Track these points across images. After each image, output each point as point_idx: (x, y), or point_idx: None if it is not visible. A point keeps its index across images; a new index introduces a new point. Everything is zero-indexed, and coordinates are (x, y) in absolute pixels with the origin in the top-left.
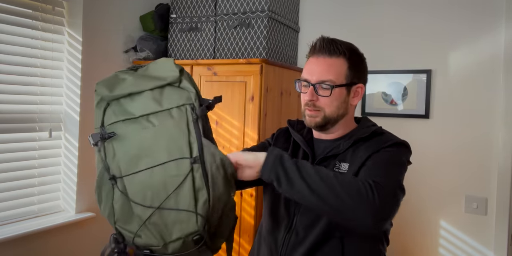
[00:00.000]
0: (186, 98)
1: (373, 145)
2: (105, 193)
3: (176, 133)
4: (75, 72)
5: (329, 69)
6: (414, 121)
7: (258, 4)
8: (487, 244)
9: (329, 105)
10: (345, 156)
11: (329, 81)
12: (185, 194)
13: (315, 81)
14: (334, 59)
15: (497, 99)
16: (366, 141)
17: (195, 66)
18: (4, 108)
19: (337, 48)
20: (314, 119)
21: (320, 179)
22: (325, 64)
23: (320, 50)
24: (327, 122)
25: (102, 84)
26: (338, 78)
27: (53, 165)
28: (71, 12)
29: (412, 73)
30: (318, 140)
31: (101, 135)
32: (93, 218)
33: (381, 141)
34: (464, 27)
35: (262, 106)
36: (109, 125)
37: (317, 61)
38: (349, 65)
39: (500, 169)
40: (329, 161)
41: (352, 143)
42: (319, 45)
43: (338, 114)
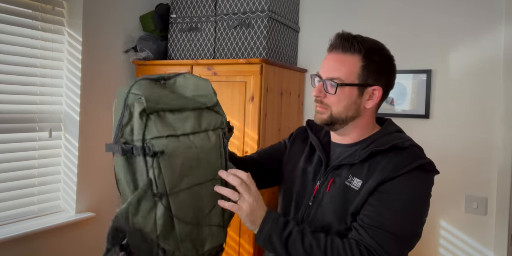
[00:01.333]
0: (220, 122)
1: (390, 166)
2: (146, 208)
3: (213, 155)
4: (75, 72)
5: (339, 66)
6: (414, 121)
7: (258, 4)
8: (487, 244)
9: (335, 104)
10: (361, 171)
11: (337, 79)
12: (218, 211)
13: (325, 77)
14: (347, 56)
15: (497, 99)
16: (386, 154)
17: (195, 66)
18: (4, 108)
19: (352, 44)
20: (321, 115)
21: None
22: (336, 60)
23: (335, 45)
24: (334, 122)
25: (141, 93)
26: (349, 76)
27: (53, 165)
28: (71, 12)
29: (412, 73)
30: (334, 144)
31: (144, 149)
32: (93, 218)
33: (401, 160)
34: (464, 27)
35: (262, 106)
36: (152, 139)
37: (331, 56)
38: (363, 64)
39: (500, 169)
40: (341, 170)
41: (369, 154)
42: (335, 41)
43: (347, 115)
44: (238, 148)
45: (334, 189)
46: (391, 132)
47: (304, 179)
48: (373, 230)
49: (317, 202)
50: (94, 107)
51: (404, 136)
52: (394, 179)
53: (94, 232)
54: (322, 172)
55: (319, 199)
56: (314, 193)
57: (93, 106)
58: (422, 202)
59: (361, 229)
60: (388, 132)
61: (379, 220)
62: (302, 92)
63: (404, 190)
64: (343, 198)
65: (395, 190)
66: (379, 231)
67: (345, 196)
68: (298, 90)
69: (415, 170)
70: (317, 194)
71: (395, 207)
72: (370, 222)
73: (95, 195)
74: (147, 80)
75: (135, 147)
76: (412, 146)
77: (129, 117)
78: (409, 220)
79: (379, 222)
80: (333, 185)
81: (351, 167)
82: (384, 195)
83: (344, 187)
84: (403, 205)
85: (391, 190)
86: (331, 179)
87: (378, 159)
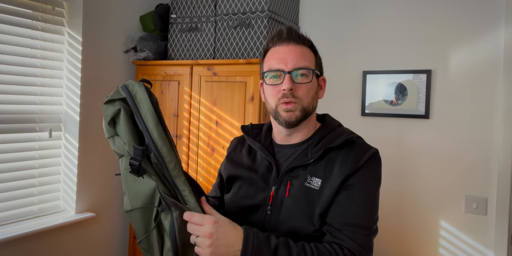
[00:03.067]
0: (121, 149)
1: (348, 160)
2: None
3: (131, 182)
4: (75, 72)
5: (303, 56)
6: (414, 121)
7: (258, 4)
8: (487, 244)
9: (306, 95)
10: (317, 170)
11: (306, 67)
12: (154, 239)
13: (291, 68)
14: (303, 47)
15: (497, 99)
16: (339, 150)
17: (195, 66)
18: (4, 108)
19: (303, 37)
20: (293, 113)
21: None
22: (298, 50)
23: (289, 37)
24: (304, 116)
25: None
26: (311, 66)
27: (53, 165)
28: (71, 12)
29: (412, 73)
30: (280, 146)
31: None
32: (93, 218)
33: (356, 154)
34: (464, 27)
35: (262, 106)
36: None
37: (288, 48)
38: (314, 55)
39: (500, 169)
40: (297, 171)
41: (322, 152)
42: (288, 33)
43: (313, 106)
44: None
45: (294, 192)
46: (334, 128)
47: (252, 188)
48: (348, 230)
49: (276, 209)
50: (94, 107)
51: (347, 130)
52: (355, 174)
53: (94, 232)
54: (275, 177)
55: (278, 205)
56: (271, 200)
57: (93, 106)
58: (378, 189)
59: (336, 231)
60: (332, 127)
61: (351, 218)
62: None
63: (365, 182)
64: (306, 200)
65: (357, 184)
66: (353, 230)
67: (307, 197)
68: None
69: (369, 161)
70: (274, 200)
71: (360, 200)
72: (342, 222)
73: (95, 195)
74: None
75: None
76: (357, 138)
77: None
78: (373, 209)
79: (351, 220)
80: (292, 189)
81: (307, 168)
82: (349, 192)
83: (305, 189)
84: (367, 196)
85: (354, 185)
86: (288, 183)
87: (333, 155)
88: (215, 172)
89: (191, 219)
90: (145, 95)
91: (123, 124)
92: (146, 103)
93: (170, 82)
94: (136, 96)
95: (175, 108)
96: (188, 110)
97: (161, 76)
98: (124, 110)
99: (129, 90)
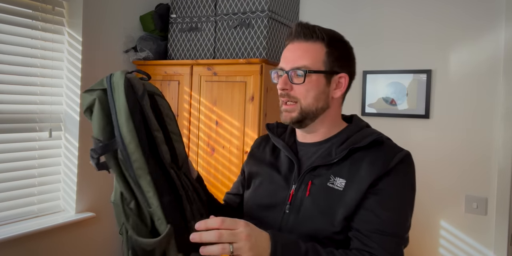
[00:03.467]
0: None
1: (378, 162)
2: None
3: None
4: (75, 72)
5: (303, 55)
6: (414, 121)
7: (258, 4)
8: (487, 244)
9: (304, 95)
10: (341, 170)
11: (303, 67)
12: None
13: (289, 68)
14: (310, 43)
15: (497, 99)
16: (366, 151)
17: (195, 66)
18: (4, 108)
19: (313, 32)
20: (289, 114)
21: None
22: (300, 49)
23: (296, 35)
24: (304, 117)
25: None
26: (315, 64)
27: (53, 165)
28: (71, 12)
29: (412, 73)
30: (302, 144)
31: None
32: (93, 218)
33: (385, 156)
34: (464, 27)
35: (262, 106)
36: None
37: (293, 46)
38: (328, 51)
39: (500, 169)
40: (319, 171)
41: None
42: (295, 30)
43: (317, 107)
44: (238, 148)
45: (316, 192)
46: (362, 127)
47: (272, 186)
48: (378, 238)
49: (296, 209)
50: None
51: (376, 131)
52: (385, 177)
53: (94, 232)
54: (296, 175)
55: (298, 205)
56: (290, 199)
57: None
58: (411, 194)
59: (365, 238)
60: (360, 127)
61: (381, 224)
62: None
63: (396, 187)
64: (327, 201)
65: (388, 188)
66: (383, 237)
67: (329, 198)
68: None
69: (399, 165)
70: (294, 200)
71: (391, 206)
72: (372, 229)
73: (95, 195)
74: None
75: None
76: (386, 139)
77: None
78: (404, 216)
79: (381, 227)
80: (313, 188)
81: (330, 167)
82: (380, 197)
83: (327, 189)
84: (398, 202)
85: (384, 189)
86: (309, 182)
87: (359, 156)
88: (215, 172)
89: (223, 224)
90: (120, 87)
91: (94, 115)
92: (121, 96)
93: (170, 82)
94: (114, 87)
95: (175, 108)
96: (188, 110)
97: (161, 76)
98: (99, 100)
99: (111, 81)
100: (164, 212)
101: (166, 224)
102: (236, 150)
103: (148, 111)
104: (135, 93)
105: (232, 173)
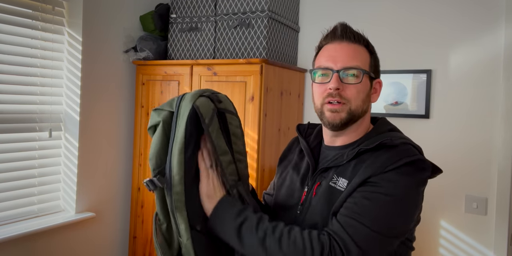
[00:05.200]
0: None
1: (378, 162)
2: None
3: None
4: (75, 72)
5: (355, 55)
6: (414, 121)
7: (258, 4)
8: (487, 244)
9: (355, 97)
10: (346, 170)
11: (357, 67)
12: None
13: (340, 67)
14: (358, 45)
15: (497, 99)
16: (374, 153)
17: (195, 66)
18: (4, 108)
19: (358, 35)
20: (338, 114)
21: (258, 243)
22: (350, 49)
23: (342, 35)
24: (351, 118)
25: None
26: (365, 66)
27: (53, 165)
28: (71, 12)
29: (412, 73)
30: (326, 147)
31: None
32: (93, 218)
33: (390, 158)
34: (464, 27)
35: (262, 106)
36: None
37: (340, 46)
38: (370, 55)
39: (500, 169)
40: (329, 172)
41: (357, 153)
42: (342, 30)
43: (362, 109)
44: None
45: (320, 192)
46: (382, 132)
47: (291, 187)
48: (345, 220)
49: (305, 210)
50: (94, 107)
51: (396, 135)
52: (379, 175)
53: (94, 232)
54: (310, 176)
55: (307, 206)
56: (302, 200)
57: (93, 106)
58: (407, 200)
59: (333, 219)
60: (380, 131)
61: (356, 210)
62: (302, 92)
63: (388, 184)
64: (328, 200)
65: (379, 183)
66: (352, 222)
67: (330, 198)
68: (298, 90)
69: (404, 166)
70: (305, 200)
71: (375, 199)
72: (345, 212)
73: (95, 195)
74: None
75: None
76: (404, 144)
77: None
78: (389, 216)
79: (355, 212)
80: (319, 189)
81: (338, 168)
82: (367, 188)
83: (329, 188)
84: (384, 198)
85: (375, 183)
86: (317, 183)
87: (365, 157)
88: None
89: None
90: (185, 116)
91: (155, 137)
92: (182, 126)
93: (170, 82)
94: (180, 113)
95: None
96: None
97: (161, 76)
98: (163, 124)
99: (179, 106)
100: (194, 245)
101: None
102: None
103: (215, 136)
104: (201, 122)
105: None
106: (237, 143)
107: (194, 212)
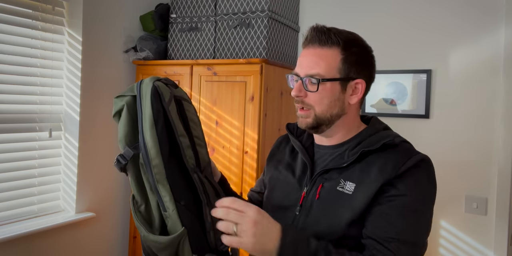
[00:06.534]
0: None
1: (388, 165)
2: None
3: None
4: (75, 72)
5: (318, 62)
6: (414, 121)
7: (258, 4)
8: (487, 244)
9: (318, 103)
10: (352, 174)
11: (317, 75)
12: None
13: (303, 75)
14: (325, 49)
15: (497, 99)
16: (378, 154)
17: (195, 66)
18: (4, 108)
19: (329, 37)
20: (305, 119)
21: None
22: (314, 55)
23: (311, 40)
24: (320, 123)
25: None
26: (329, 71)
27: (53, 165)
28: (71, 12)
29: (412, 73)
30: (319, 147)
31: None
32: (93, 218)
33: (397, 159)
34: (464, 27)
35: (262, 106)
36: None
37: (307, 52)
38: (343, 57)
39: (500, 169)
40: (331, 174)
41: (359, 155)
42: (310, 34)
43: (331, 114)
44: (238, 148)
45: (325, 195)
46: (378, 130)
47: (286, 187)
48: (393, 245)
49: (305, 211)
50: (94, 107)
51: (392, 133)
52: (398, 182)
53: (94, 232)
54: (308, 178)
55: (307, 208)
56: (301, 201)
57: (93, 106)
58: (430, 201)
59: (380, 246)
60: (376, 130)
61: (396, 232)
62: None
63: (411, 193)
64: (336, 205)
65: (403, 194)
66: (399, 245)
67: (338, 202)
68: None
69: (414, 168)
70: (304, 202)
71: (406, 212)
72: (386, 237)
73: (95, 195)
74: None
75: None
76: (402, 142)
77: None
78: (421, 223)
79: (396, 234)
80: (322, 192)
81: (341, 171)
82: (394, 203)
83: (336, 193)
84: (413, 209)
85: (399, 196)
86: (320, 185)
87: (371, 159)
88: None
89: (233, 204)
90: (148, 95)
91: (122, 120)
92: (147, 103)
93: None
94: (142, 94)
95: None
96: None
97: (161, 76)
98: (128, 106)
99: (140, 88)
100: (180, 215)
101: (181, 227)
102: (236, 150)
103: (174, 117)
104: (161, 100)
105: (232, 173)
106: (195, 129)
107: (175, 185)
